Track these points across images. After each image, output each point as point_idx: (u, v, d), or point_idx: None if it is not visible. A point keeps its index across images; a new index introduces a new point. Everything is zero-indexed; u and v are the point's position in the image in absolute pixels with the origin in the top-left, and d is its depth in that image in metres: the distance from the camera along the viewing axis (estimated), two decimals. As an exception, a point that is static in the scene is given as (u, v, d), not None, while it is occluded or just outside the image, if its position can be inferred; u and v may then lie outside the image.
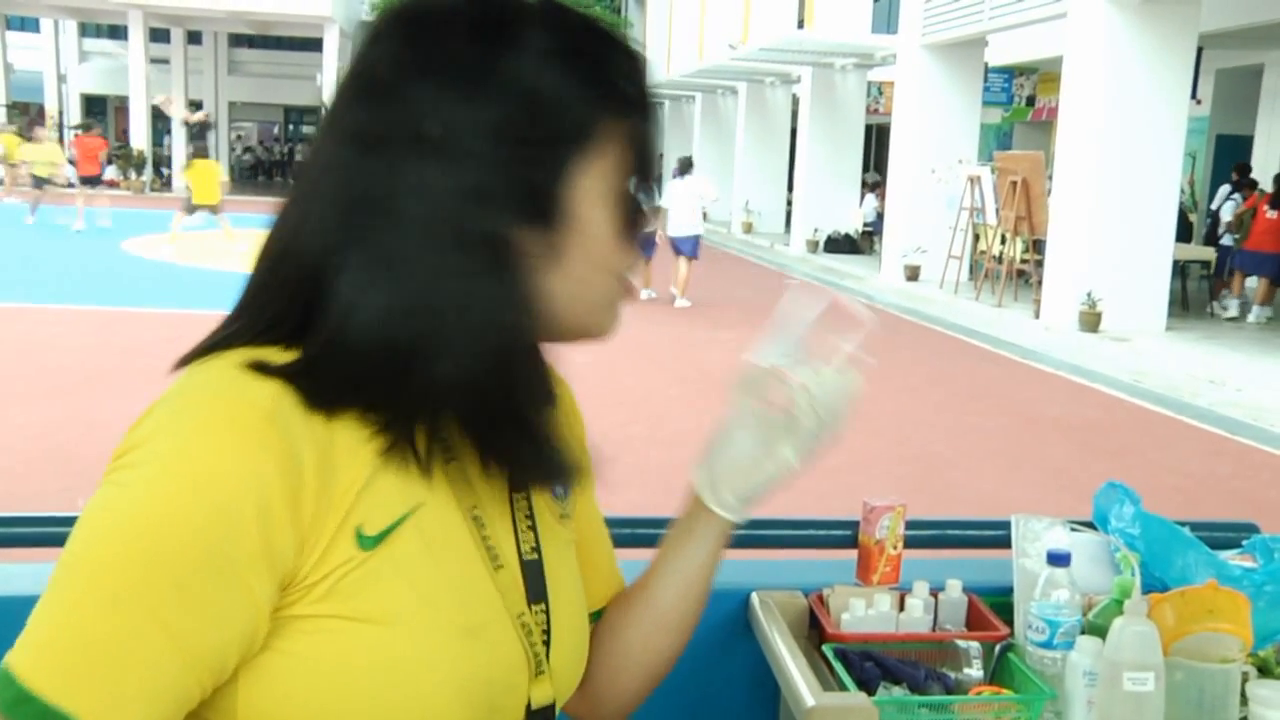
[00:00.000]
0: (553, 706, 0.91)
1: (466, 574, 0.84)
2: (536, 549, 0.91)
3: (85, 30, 39.96)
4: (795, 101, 24.39)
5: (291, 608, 0.77)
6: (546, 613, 0.91)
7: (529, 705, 0.88)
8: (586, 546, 1.05)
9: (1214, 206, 15.86)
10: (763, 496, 0.99)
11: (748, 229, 25.06)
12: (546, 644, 0.90)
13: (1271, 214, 12.68)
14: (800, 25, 22.64)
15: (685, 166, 13.47)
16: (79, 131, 21.33)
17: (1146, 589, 1.46)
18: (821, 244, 20.79)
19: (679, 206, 13.05)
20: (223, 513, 0.72)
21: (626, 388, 8.17)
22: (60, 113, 35.64)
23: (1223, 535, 1.66)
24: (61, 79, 37.88)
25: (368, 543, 0.78)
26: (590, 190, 0.84)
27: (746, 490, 0.99)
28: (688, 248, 13.26)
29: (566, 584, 0.95)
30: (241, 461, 0.73)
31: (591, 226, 0.84)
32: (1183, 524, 1.60)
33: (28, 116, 27.96)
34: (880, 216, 19.91)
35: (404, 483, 0.81)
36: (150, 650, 0.72)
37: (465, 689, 0.82)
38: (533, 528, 0.92)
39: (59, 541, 0.76)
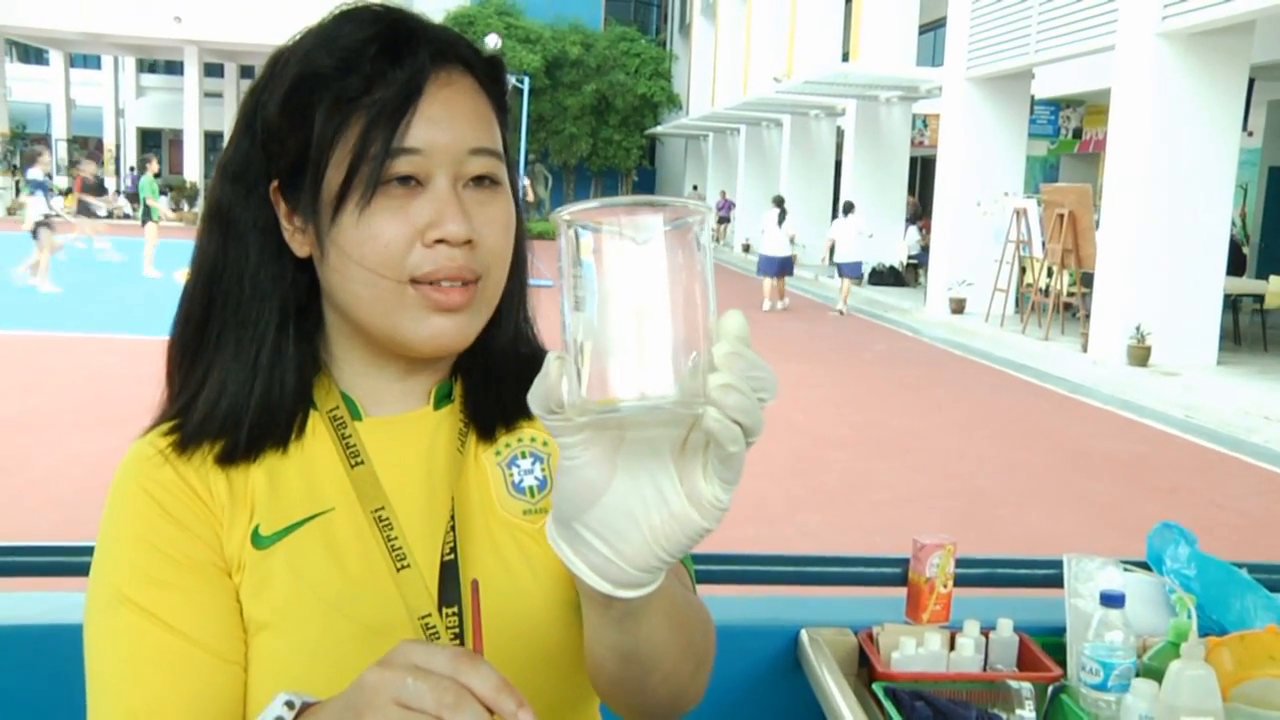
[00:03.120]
0: None
1: (365, 577, 0.88)
2: (455, 551, 0.90)
3: (142, 66, 40.91)
4: (840, 134, 24.41)
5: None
6: (459, 616, 0.89)
7: None
8: None
9: None
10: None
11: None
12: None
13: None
14: (845, 58, 22.67)
15: (848, 209, 17.24)
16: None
17: (1203, 632, 1.43)
18: (866, 276, 20.70)
19: (844, 240, 16.77)
20: (133, 517, 0.88)
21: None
22: (117, 146, 36.45)
23: (1282, 578, 1.62)
24: (120, 114, 38.79)
25: (262, 542, 0.88)
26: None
27: (668, 556, 0.65)
28: (852, 271, 16.90)
29: (506, 590, 0.90)
30: (129, 491, 0.89)
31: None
32: (1240, 565, 1.57)
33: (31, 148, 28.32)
34: (924, 249, 19.83)
35: (313, 490, 0.90)
36: (150, 639, 0.84)
37: None
38: (454, 529, 0.91)
39: None
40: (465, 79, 0.89)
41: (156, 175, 18.32)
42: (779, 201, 17.12)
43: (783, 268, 16.85)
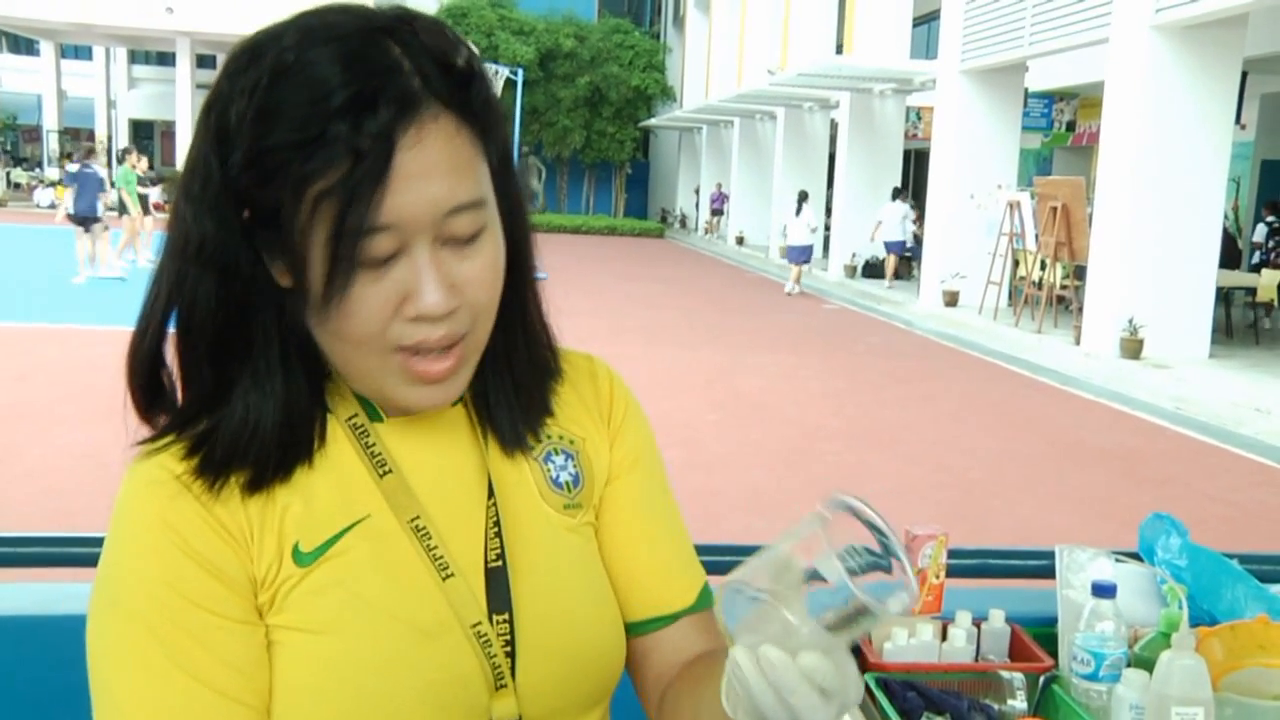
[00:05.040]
0: None
1: (412, 582, 0.87)
2: (501, 556, 0.90)
3: (135, 57, 40.75)
4: (833, 126, 24.39)
5: (265, 620, 0.86)
6: (510, 623, 0.88)
7: (490, 718, 0.87)
8: (625, 545, 0.99)
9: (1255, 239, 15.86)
10: None
11: (785, 253, 25.03)
12: (511, 656, 0.88)
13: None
14: (839, 51, 22.66)
15: (896, 193, 19.53)
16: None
17: (1194, 622, 1.44)
18: (859, 269, 20.73)
19: (890, 223, 18.94)
20: (153, 558, 0.83)
21: (663, 413, 8.17)
22: (109, 138, 36.32)
23: (1273, 568, 1.63)
24: (111, 105, 38.63)
25: (304, 559, 0.85)
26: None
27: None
28: (898, 249, 19.27)
29: (552, 589, 0.92)
30: (144, 527, 0.84)
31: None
32: (1231, 556, 1.58)
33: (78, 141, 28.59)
34: (918, 240, 19.86)
35: (345, 498, 0.88)
36: (181, 689, 0.82)
37: (429, 691, 0.85)
38: (499, 535, 0.90)
39: None
40: (439, 120, 0.80)
41: (149, 169, 18.47)
42: (801, 196, 19.04)
43: (802, 255, 18.71)
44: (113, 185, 17.58)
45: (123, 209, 17.37)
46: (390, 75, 0.78)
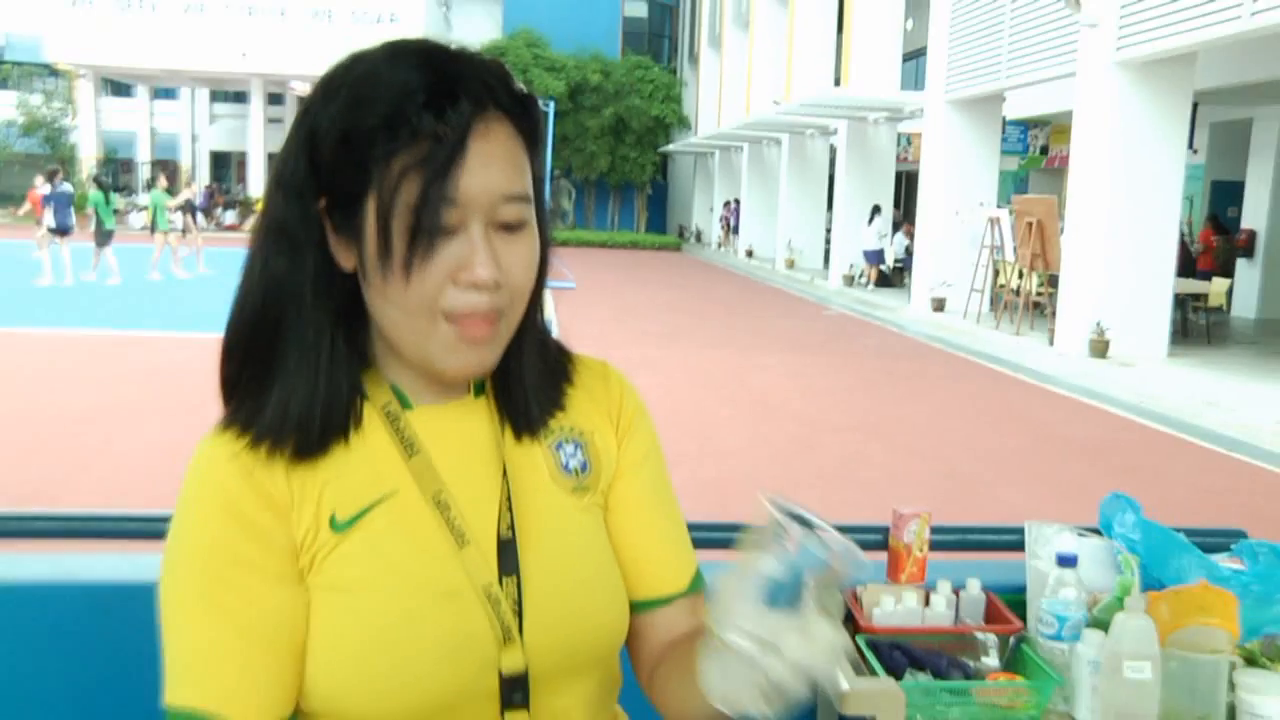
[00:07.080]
0: (525, 674, 0.90)
1: (433, 550, 0.89)
2: (512, 528, 0.92)
3: (215, 96, 41.05)
4: (833, 151, 24.31)
5: (306, 580, 0.88)
6: (518, 585, 0.90)
7: (500, 671, 0.89)
8: (630, 534, 1.01)
9: None
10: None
11: (790, 265, 24.98)
12: (519, 615, 0.90)
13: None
14: (837, 83, 22.56)
15: (896, 226, 20.76)
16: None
17: (1145, 588, 1.46)
18: (857, 278, 20.65)
19: (899, 243, 20.20)
20: (208, 523, 0.87)
21: (679, 408, 8.19)
22: (192, 168, 36.60)
23: (1214, 540, 1.64)
24: (194, 139, 38.97)
25: (340, 526, 0.88)
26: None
27: (731, 704, 0.80)
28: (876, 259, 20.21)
29: (558, 558, 0.94)
30: (203, 496, 0.88)
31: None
32: (1178, 530, 1.59)
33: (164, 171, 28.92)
34: (909, 252, 19.79)
35: (377, 475, 0.90)
36: (224, 635, 0.85)
37: (445, 643, 0.87)
38: (510, 510, 0.93)
39: None
40: (502, 124, 0.86)
41: (166, 190, 18.80)
42: (874, 209, 19.77)
43: (875, 259, 19.74)
44: (206, 210, 17.91)
45: (154, 226, 17.62)
46: (465, 79, 0.85)
